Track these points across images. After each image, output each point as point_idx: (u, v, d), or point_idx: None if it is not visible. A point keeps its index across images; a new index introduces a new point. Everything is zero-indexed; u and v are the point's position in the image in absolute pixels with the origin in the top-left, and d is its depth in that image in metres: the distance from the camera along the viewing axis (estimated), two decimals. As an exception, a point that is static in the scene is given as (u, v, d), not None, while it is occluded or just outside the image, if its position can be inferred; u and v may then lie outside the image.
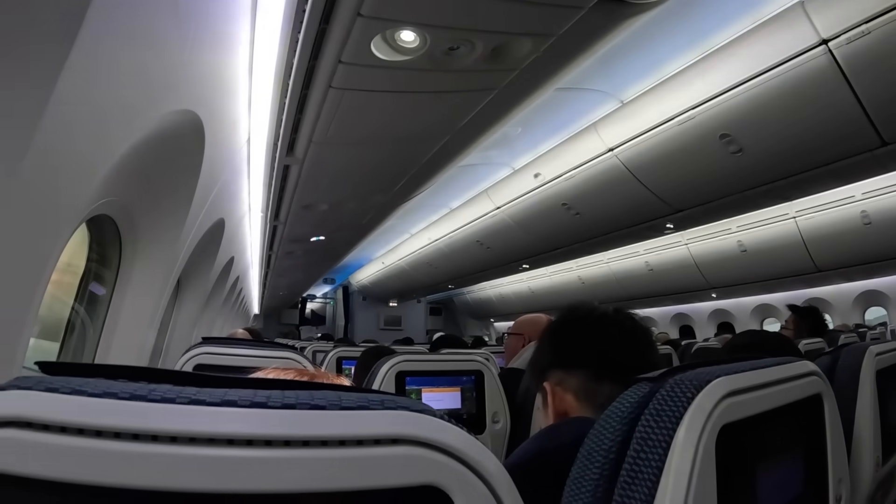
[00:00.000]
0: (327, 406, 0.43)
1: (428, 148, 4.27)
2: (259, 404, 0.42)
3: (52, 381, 0.41)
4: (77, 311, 3.16)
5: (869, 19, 3.43)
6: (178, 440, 0.39)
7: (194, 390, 0.42)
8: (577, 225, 7.46)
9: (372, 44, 2.59)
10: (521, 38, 2.70)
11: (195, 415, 0.40)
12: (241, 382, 0.47)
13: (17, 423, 0.38)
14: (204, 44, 2.53)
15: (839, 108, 4.03)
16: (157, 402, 0.40)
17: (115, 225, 3.12)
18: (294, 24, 2.49)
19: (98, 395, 0.40)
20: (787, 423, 0.89)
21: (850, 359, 1.42)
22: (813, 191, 6.15)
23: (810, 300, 8.85)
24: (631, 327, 1.29)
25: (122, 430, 0.38)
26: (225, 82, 3.08)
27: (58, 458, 0.37)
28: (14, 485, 0.37)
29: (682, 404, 0.70)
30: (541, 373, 1.30)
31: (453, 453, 0.45)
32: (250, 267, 9.63)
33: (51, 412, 0.38)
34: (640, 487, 0.68)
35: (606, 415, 0.76)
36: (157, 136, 2.55)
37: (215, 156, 3.40)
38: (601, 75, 4.83)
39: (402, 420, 0.44)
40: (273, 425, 0.41)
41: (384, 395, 0.47)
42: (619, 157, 5.69)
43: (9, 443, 0.37)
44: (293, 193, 5.07)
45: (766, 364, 0.86)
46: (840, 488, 1.00)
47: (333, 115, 3.30)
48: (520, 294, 15.31)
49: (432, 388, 2.24)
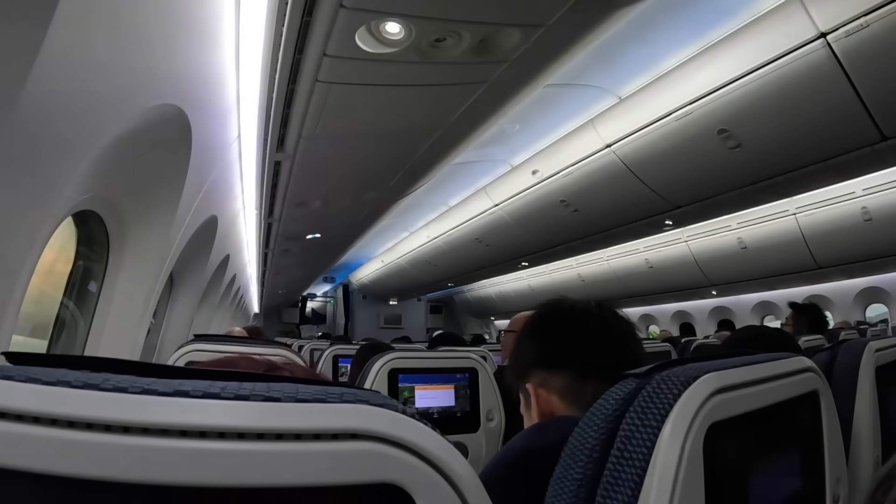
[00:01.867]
0: (282, 398, 0.42)
1: (420, 143, 4.27)
2: (212, 395, 0.41)
3: (10, 369, 0.41)
4: (66, 307, 3.16)
5: (867, 12, 3.40)
6: (131, 430, 0.38)
7: (149, 380, 0.41)
8: (575, 222, 7.46)
9: (356, 36, 2.58)
10: (510, 29, 2.69)
11: (147, 404, 0.39)
12: (199, 374, 0.46)
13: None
14: (187, 37, 2.53)
15: (838, 102, 4.01)
16: (110, 391, 0.39)
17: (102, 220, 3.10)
18: (277, 16, 2.48)
19: (52, 383, 0.39)
20: (782, 422, 0.87)
21: (848, 355, 1.40)
22: (812, 186, 6.14)
23: (811, 297, 8.86)
24: (614, 322, 1.25)
25: (75, 419, 0.37)
26: (210, 77, 3.07)
27: (11, 447, 0.37)
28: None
29: (669, 401, 0.67)
30: (522, 373, 1.26)
31: (416, 451, 0.43)
32: (247, 265, 9.66)
33: (4, 399, 0.37)
34: (622, 488, 0.65)
35: (591, 412, 0.74)
36: (141, 130, 2.53)
37: (204, 152, 3.39)
38: (598, 71, 4.82)
39: (360, 414, 0.43)
40: (226, 416, 0.40)
41: (345, 389, 0.46)
42: (617, 153, 5.68)
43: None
44: (286, 190, 5.08)
45: (759, 360, 0.84)
46: (838, 488, 0.98)
47: (322, 109, 3.30)
48: (520, 292, 15.33)
49: (426, 386, 2.23)
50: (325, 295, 21.31)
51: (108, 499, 0.37)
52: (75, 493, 0.37)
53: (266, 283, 12.32)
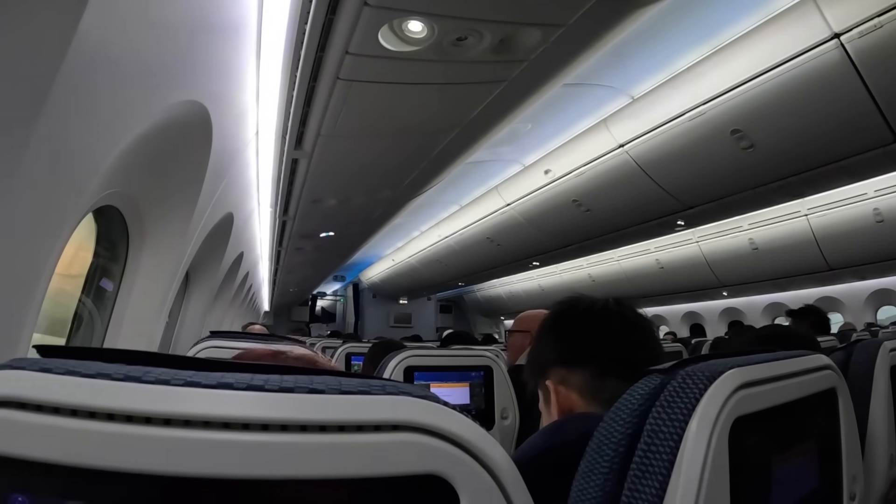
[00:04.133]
0: (326, 390, 0.42)
1: (437, 141, 4.27)
2: (256, 387, 0.41)
3: (46, 362, 0.40)
4: (84, 303, 3.16)
5: (881, 13, 3.40)
6: (172, 422, 0.38)
7: (190, 373, 0.41)
8: (587, 222, 7.44)
9: (379, 34, 2.59)
10: (531, 29, 2.70)
11: (191, 397, 0.39)
12: (240, 367, 0.46)
13: (10, 404, 0.37)
14: (210, 34, 2.53)
15: (851, 102, 4.00)
16: (152, 383, 0.39)
17: (122, 216, 3.11)
18: (301, 14, 2.49)
19: (92, 375, 0.39)
20: (801, 418, 0.87)
21: (864, 354, 1.40)
22: (825, 187, 6.12)
23: (822, 299, 8.84)
24: (633, 320, 1.25)
25: (116, 412, 0.37)
26: (232, 74, 3.08)
27: (50, 440, 0.37)
28: (8, 466, 0.36)
29: (695, 395, 0.68)
30: (542, 371, 1.27)
31: (457, 442, 0.43)
32: (260, 263, 9.67)
33: (44, 392, 0.37)
34: (650, 480, 0.66)
35: (616, 407, 0.74)
36: (164, 127, 2.54)
37: (223, 149, 3.40)
38: (611, 71, 4.81)
39: (403, 405, 0.43)
40: (270, 408, 0.40)
41: (386, 381, 0.46)
42: (630, 153, 5.67)
43: (1, 423, 0.37)
44: (302, 188, 5.08)
45: (780, 357, 0.85)
46: (854, 486, 0.98)
47: (341, 107, 3.31)
48: (530, 292, 15.29)
49: (441, 384, 2.24)
50: (334, 293, 21.29)
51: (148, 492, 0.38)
52: (112, 486, 0.37)
53: (277, 281, 12.32)
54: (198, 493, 0.38)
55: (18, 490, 0.36)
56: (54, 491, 0.37)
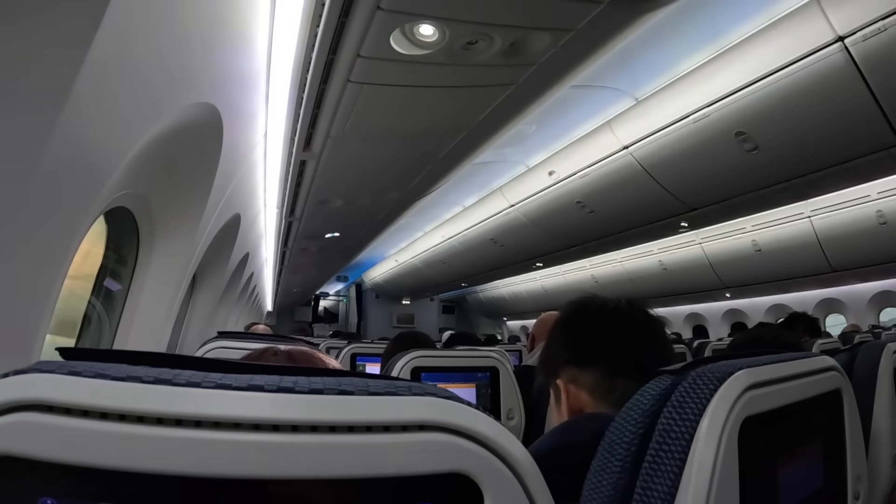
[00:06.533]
0: (355, 392, 0.43)
1: (444, 143, 4.27)
2: (286, 389, 0.42)
3: (73, 365, 0.41)
4: (93, 304, 3.17)
5: (886, 16, 3.40)
6: (202, 424, 0.39)
7: (220, 375, 0.42)
8: (591, 223, 7.44)
9: (391, 38, 2.60)
10: (541, 33, 2.70)
11: (221, 399, 0.40)
12: (267, 369, 0.47)
13: (38, 407, 0.38)
14: (222, 36, 2.55)
15: (855, 105, 4.00)
16: (183, 385, 0.40)
17: (133, 217, 3.13)
18: (313, 17, 2.49)
19: (121, 378, 0.40)
20: (807, 418, 0.89)
21: (867, 356, 1.41)
22: (829, 189, 6.11)
23: (825, 301, 8.85)
24: (645, 320, 1.26)
25: (147, 414, 0.38)
26: (243, 76, 3.10)
27: (80, 443, 0.37)
28: (35, 469, 0.37)
29: (706, 396, 0.70)
30: (553, 370, 1.27)
31: (481, 441, 0.44)
32: (264, 263, 9.67)
33: (73, 395, 0.38)
34: (662, 479, 0.68)
35: (628, 407, 0.76)
36: (177, 129, 2.56)
37: (233, 150, 3.41)
38: (616, 73, 4.82)
39: (429, 406, 0.44)
40: (300, 410, 0.41)
41: (411, 383, 0.47)
42: (634, 154, 5.67)
43: (30, 426, 0.37)
44: (309, 189, 5.08)
45: (788, 358, 0.86)
46: (858, 486, 1.00)
47: (351, 109, 3.31)
48: (533, 293, 15.29)
49: (448, 385, 2.23)
50: (337, 294, 21.25)
51: (176, 494, 0.38)
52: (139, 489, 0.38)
53: (282, 281, 12.30)
54: (228, 495, 0.39)
55: (47, 493, 0.37)
56: (83, 494, 0.37)
